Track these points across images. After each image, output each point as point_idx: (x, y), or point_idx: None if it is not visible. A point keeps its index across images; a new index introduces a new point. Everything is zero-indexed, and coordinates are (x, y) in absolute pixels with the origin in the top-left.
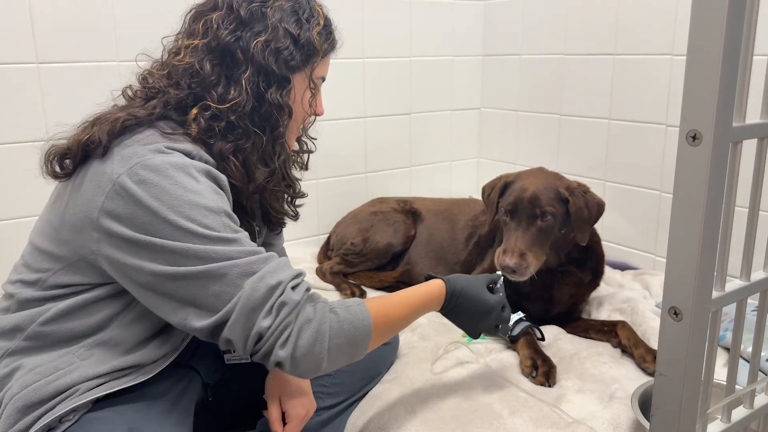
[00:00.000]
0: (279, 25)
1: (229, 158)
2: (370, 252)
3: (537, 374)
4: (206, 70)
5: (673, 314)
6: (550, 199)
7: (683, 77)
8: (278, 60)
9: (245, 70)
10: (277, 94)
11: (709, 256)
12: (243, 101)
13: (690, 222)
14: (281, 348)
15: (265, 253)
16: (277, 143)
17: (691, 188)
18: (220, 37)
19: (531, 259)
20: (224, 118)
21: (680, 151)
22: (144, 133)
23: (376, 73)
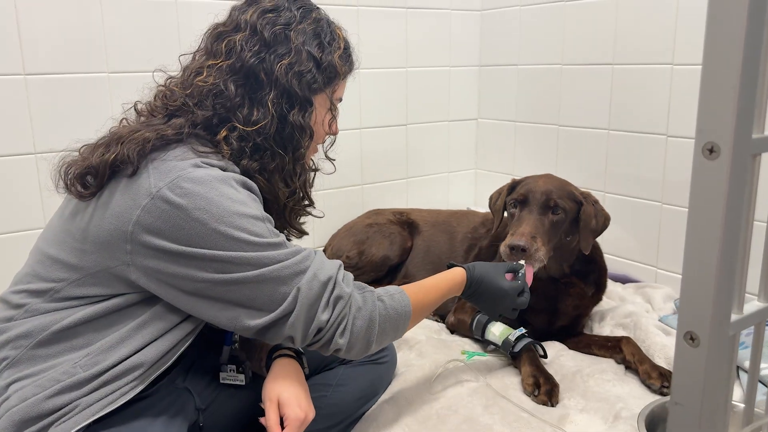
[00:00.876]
0: (302, 48)
1: (256, 177)
2: (365, 265)
3: (539, 393)
4: (231, 91)
5: (689, 339)
6: (563, 195)
7: (684, 87)
8: (301, 82)
9: (269, 92)
10: (299, 116)
11: (728, 276)
12: (268, 123)
13: (707, 240)
14: (341, 337)
15: (306, 250)
16: (297, 164)
17: (708, 204)
18: (245, 58)
19: (540, 245)
20: (251, 140)
21: (696, 164)
22: (178, 150)
23: (372, 83)
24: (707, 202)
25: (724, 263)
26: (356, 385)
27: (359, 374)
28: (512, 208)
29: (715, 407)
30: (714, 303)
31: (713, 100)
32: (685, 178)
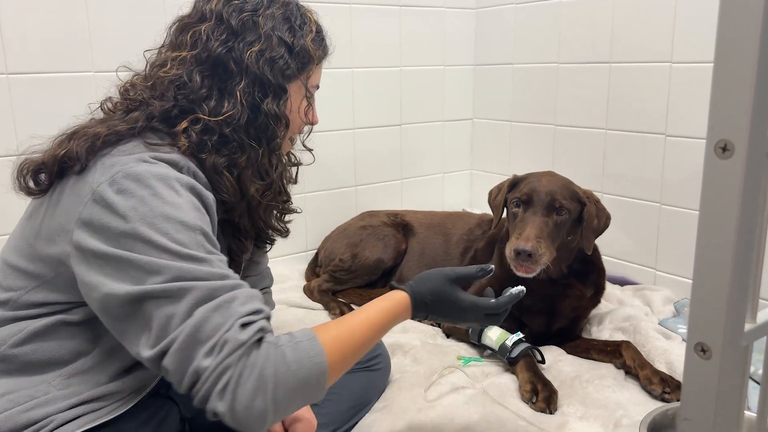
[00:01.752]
0: (272, 34)
1: (222, 173)
2: (359, 268)
3: (537, 400)
4: (195, 81)
5: (700, 351)
6: (567, 195)
7: (683, 85)
8: (273, 69)
9: (239, 82)
10: (273, 104)
11: (742, 283)
12: (238, 113)
13: (719, 244)
14: (219, 398)
15: (235, 281)
16: (273, 155)
17: (720, 206)
18: (211, 48)
19: (545, 249)
20: (217, 132)
21: (708, 164)
22: (128, 144)
23: (366, 83)
24: (719, 203)
25: (737, 269)
26: (348, 393)
27: (351, 382)
28: (515, 207)
29: (728, 422)
30: (727, 312)
31: (726, 95)
32: (684, 178)
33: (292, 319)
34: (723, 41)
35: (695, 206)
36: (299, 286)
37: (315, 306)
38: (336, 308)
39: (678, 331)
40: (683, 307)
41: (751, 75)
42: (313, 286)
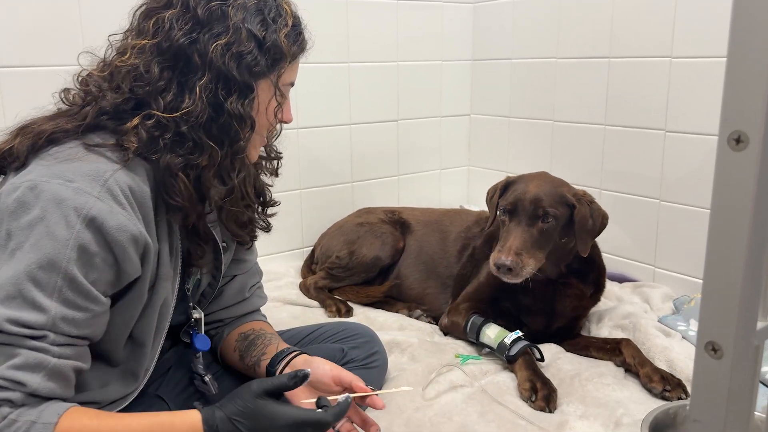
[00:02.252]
0: (242, 26)
1: (177, 175)
2: (356, 265)
3: (536, 398)
4: (153, 73)
5: (710, 350)
6: (553, 201)
7: (683, 80)
8: (240, 65)
9: (201, 76)
10: (238, 103)
11: (755, 279)
12: (197, 110)
13: (732, 240)
14: None
15: (40, 343)
16: (236, 158)
17: (733, 199)
18: (173, 38)
19: (528, 260)
20: (172, 129)
21: (720, 156)
22: (64, 146)
23: (362, 78)
24: (733, 197)
25: (750, 265)
26: None
27: None
28: (502, 215)
29: (738, 424)
30: (739, 310)
31: (740, 85)
32: (684, 174)
33: (287, 316)
34: (737, 29)
35: (695, 203)
36: (295, 283)
37: (311, 303)
38: (332, 306)
39: (678, 328)
40: (683, 304)
41: (766, 64)
42: (309, 284)
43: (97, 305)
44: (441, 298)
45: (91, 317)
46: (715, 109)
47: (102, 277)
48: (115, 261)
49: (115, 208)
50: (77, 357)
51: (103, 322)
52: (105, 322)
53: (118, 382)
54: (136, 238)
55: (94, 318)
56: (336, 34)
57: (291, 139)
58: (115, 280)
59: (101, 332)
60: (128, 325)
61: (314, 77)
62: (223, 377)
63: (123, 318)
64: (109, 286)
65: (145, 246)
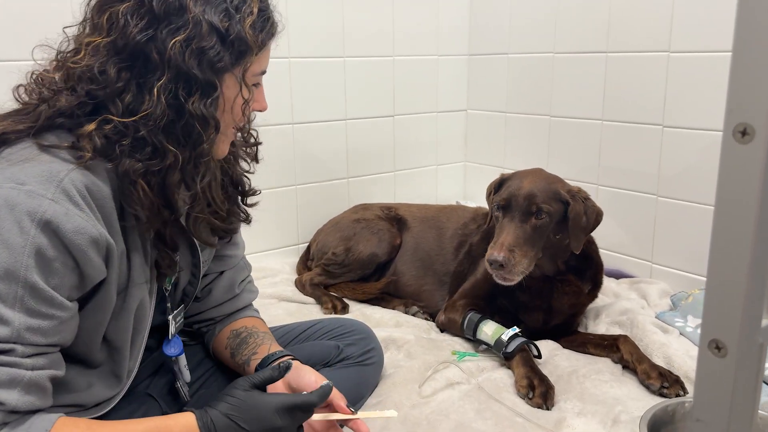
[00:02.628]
0: (202, 19)
1: (136, 182)
2: (352, 262)
3: (534, 395)
4: (110, 75)
5: (714, 349)
6: (547, 197)
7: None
8: (201, 62)
9: (161, 76)
10: (200, 104)
11: (760, 276)
12: (157, 113)
13: (737, 235)
14: None
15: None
16: (200, 162)
17: (739, 193)
18: (129, 35)
19: (520, 257)
20: (131, 134)
21: (725, 149)
22: (17, 147)
23: (358, 73)
24: (737, 191)
25: (756, 261)
26: (340, 388)
27: (343, 377)
28: (496, 211)
29: (742, 423)
30: (744, 307)
31: (746, 76)
32: (681, 169)
33: (283, 313)
34: (743, 20)
35: (693, 198)
36: (290, 279)
37: (307, 300)
38: (328, 302)
39: (675, 324)
40: (680, 300)
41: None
42: (305, 280)
43: (62, 311)
44: (438, 294)
45: (58, 324)
46: (713, 104)
47: (64, 281)
48: (75, 264)
49: (72, 209)
50: (51, 365)
51: (71, 328)
52: (74, 327)
53: (101, 383)
54: (95, 240)
55: (61, 324)
56: (331, 28)
57: (286, 134)
58: (79, 284)
59: (71, 337)
60: (99, 329)
61: (309, 72)
62: (215, 375)
63: (92, 322)
64: (73, 290)
65: (108, 248)
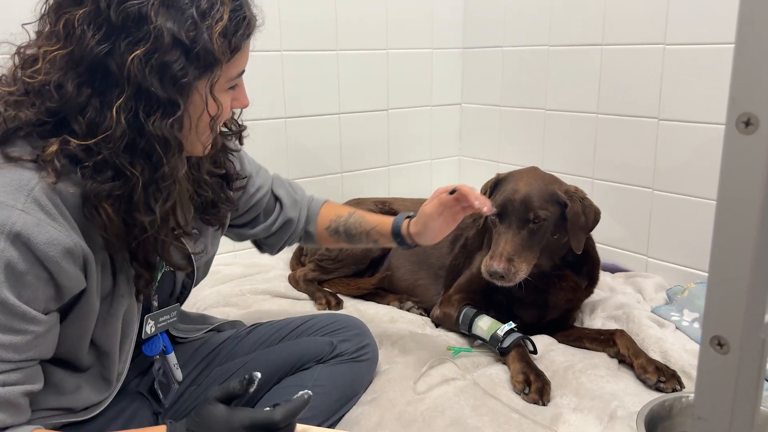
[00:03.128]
0: (164, 30)
1: (100, 205)
2: (346, 257)
3: (530, 391)
4: (68, 90)
5: (716, 345)
6: (543, 201)
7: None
8: (164, 79)
9: (120, 93)
10: (162, 123)
11: (763, 269)
12: (116, 134)
13: (740, 228)
14: None
15: None
16: (162, 185)
17: (742, 186)
18: (86, 47)
19: (520, 265)
20: (93, 155)
21: (728, 140)
22: None
23: (351, 66)
24: (741, 183)
25: (759, 255)
26: (334, 385)
27: (338, 374)
28: (492, 216)
29: (744, 420)
30: (747, 302)
31: (750, 64)
32: (677, 163)
33: (276, 309)
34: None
35: (689, 192)
36: (284, 275)
37: (300, 296)
38: (322, 298)
39: (671, 318)
40: (676, 294)
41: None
42: (299, 276)
43: (36, 325)
44: (432, 289)
45: (32, 339)
46: (709, 97)
47: (38, 294)
48: (50, 276)
49: (44, 219)
50: (25, 380)
51: (49, 341)
52: (52, 339)
53: (89, 386)
54: (70, 251)
55: (36, 339)
56: (324, 21)
57: (279, 129)
58: (56, 295)
59: (51, 350)
60: (84, 336)
61: (302, 65)
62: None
63: (76, 330)
64: (50, 302)
65: (85, 257)
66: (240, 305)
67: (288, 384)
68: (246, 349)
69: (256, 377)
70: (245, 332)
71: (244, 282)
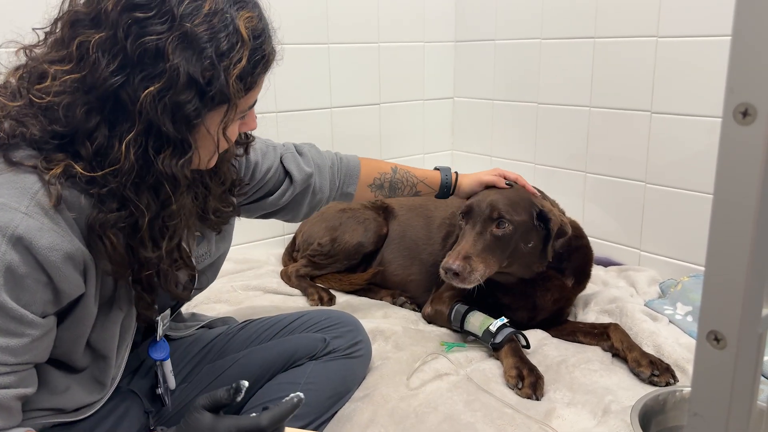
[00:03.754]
0: (180, 69)
1: (104, 234)
2: (339, 252)
3: (523, 386)
4: (77, 115)
5: (713, 340)
6: (511, 207)
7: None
8: (176, 118)
9: (131, 128)
10: (171, 162)
11: (761, 263)
12: (125, 167)
13: (738, 221)
14: None
15: None
16: (170, 221)
17: (739, 178)
18: (100, 76)
19: (477, 264)
20: (99, 185)
21: (725, 131)
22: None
23: (343, 60)
24: (739, 175)
25: (757, 249)
26: (327, 382)
27: (330, 370)
28: (460, 219)
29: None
30: (744, 296)
31: (748, 55)
32: (670, 156)
33: (268, 305)
34: None
35: (682, 185)
36: (276, 271)
37: (293, 292)
38: (314, 294)
39: (664, 312)
40: (669, 287)
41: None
42: (291, 272)
43: (34, 329)
44: (425, 285)
45: (29, 342)
46: (702, 90)
47: (36, 297)
48: (49, 280)
49: (46, 224)
50: (19, 384)
51: (45, 345)
52: (48, 344)
53: (81, 388)
54: (71, 256)
55: (33, 342)
56: (315, 14)
57: (270, 123)
58: (54, 299)
59: (46, 353)
60: (80, 341)
61: (293, 59)
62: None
63: (72, 334)
64: (48, 306)
65: (86, 263)
66: (231, 301)
67: (280, 381)
68: (238, 346)
69: (243, 386)
70: (237, 329)
71: (235, 278)
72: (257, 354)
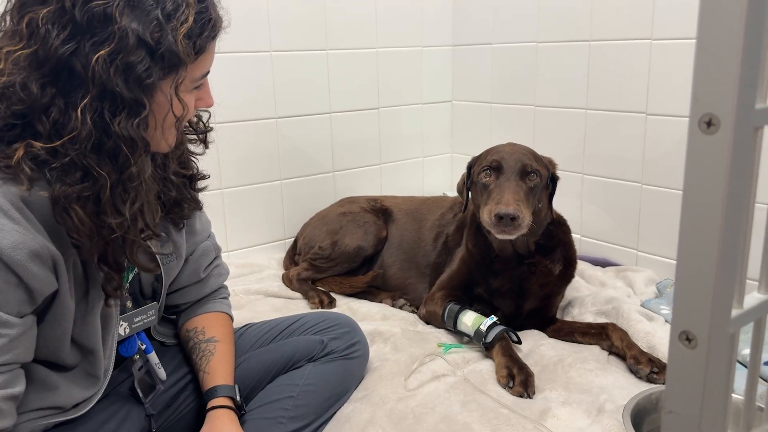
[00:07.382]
0: (128, 31)
1: (71, 207)
2: (339, 256)
3: (514, 384)
4: (32, 91)
5: (684, 340)
6: (534, 160)
7: (663, 62)
8: (128, 79)
9: (85, 94)
10: (127, 124)
11: (729, 266)
12: (83, 134)
13: (705, 226)
14: None
15: None
16: (130, 186)
17: (705, 184)
18: (51, 47)
19: (525, 210)
20: (60, 158)
21: (691, 140)
22: None
23: (341, 65)
24: (705, 181)
25: (724, 252)
26: (325, 383)
27: (329, 371)
28: (485, 176)
29: (715, 413)
30: (713, 298)
31: (711, 65)
32: (665, 157)
33: (269, 309)
34: (707, 7)
35: (677, 186)
36: (277, 275)
37: (294, 295)
38: (315, 297)
39: (661, 312)
40: (666, 287)
41: (738, 44)
42: (292, 275)
43: (10, 329)
44: (420, 287)
45: (7, 342)
46: None
47: (9, 298)
48: (19, 280)
49: (7, 224)
50: (6, 384)
51: (26, 343)
52: (30, 342)
53: (77, 384)
54: (37, 253)
55: (11, 342)
56: (314, 20)
57: (270, 129)
58: (28, 298)
59: (29, 353)
60: (63, 338)
61: (292, 65)
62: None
63: (55, 332)
64: (23, 305)
65: (54, 259)
66: (233, 305)
67: (280, 383)
68: (238, 351)
69: None
70: (237, 334)
71: (237, 282)
72: (257, 357)
